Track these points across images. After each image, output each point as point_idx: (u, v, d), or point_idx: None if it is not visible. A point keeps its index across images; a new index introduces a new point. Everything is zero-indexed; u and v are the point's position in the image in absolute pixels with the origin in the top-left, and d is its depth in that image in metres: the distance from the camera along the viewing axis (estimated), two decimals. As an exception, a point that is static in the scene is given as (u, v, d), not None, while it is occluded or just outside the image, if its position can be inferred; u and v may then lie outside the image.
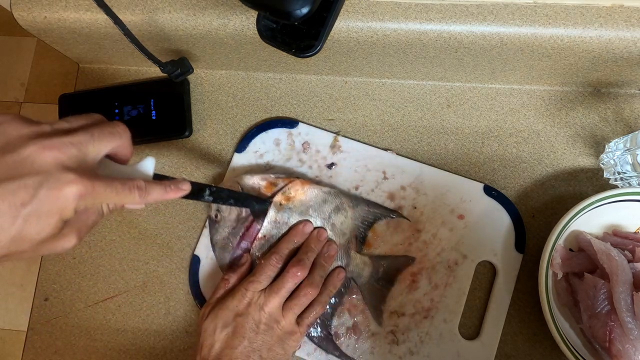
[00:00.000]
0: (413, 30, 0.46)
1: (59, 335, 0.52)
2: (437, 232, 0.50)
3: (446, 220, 0.50)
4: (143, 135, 0.55)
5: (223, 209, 0.50)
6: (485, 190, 0.50)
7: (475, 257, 0.49)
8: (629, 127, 0.53)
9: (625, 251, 0.45)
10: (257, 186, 0.50)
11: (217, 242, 0.51)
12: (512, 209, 0.50)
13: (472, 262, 0.49)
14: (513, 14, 0.45)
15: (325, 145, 0.53)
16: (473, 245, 0.50)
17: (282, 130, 0.54)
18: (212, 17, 0.48)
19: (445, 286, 0.49)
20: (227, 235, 0.50)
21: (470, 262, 0.49)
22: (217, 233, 0.50)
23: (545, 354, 0.48)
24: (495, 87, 0.55)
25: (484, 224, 0.50)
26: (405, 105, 0.55)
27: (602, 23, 0.44)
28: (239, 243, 0.49)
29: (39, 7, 0.49)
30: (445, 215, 0.50)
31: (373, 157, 0.53)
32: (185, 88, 0.56)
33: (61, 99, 0.57)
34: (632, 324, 0.41)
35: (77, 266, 0.53)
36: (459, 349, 0.47)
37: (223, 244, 0.50)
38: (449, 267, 0.49)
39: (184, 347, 0.51)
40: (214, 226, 0.50)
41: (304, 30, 0.41)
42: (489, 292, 0.49)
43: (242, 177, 0.50)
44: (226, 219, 0.50)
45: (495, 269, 0.49)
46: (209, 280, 0.51)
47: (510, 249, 0.49)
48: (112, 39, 0.52)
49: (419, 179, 0.52)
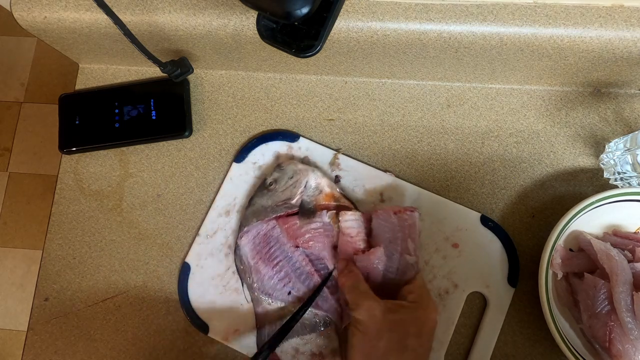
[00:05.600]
0: (413, 30, 0.46)
1: (59, 335, 0.52)
2: (429, 259, 0.50)
3: (440, 248, 0.50)
4: (143, 135, 0.55)
5: (280, 184, 0.49)
6: (482, 220, 0.50)
7: (467, 288, 0.49)
8: (629, 127, 0.53)
9: (625, 251, 0.45)
10: (319, 188, 0.49)
11: (254, 203, 0.50)
12: (507, 241, 0.50)
13: (463, 292, 0.49)
14: (513, 14, 0.45)
15: (324, 162, 0.53)
16: (465, 275, 0.49)
17: (282, 143, 0.54)
18: (212, 17, 0.48)
19: None
20: (268, 205, 0.49)
21: (461, 291, 0.49)
22: (260, 198, 0.50)
23: (545, 354, 0.48)
24: (495, 87, 0.55)
25: (478, 254, 0.49)
26: (405, 105, 0.55)
27: (602, 23, 0.44)
28: (273, 219, 0.49)
29: (39, 7, 0.49)
30: (439, 243, 0.50)
31: (372, 177, 0.52)
32: (185, 88, 0.56)
33: (61, 99, 0.57)
34: (632, 324, 0.41)
35: (77, 266, 0.53)
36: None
37: (257, 210, 0.50)
38: (439, 295, 0.49)
39: (184, 347, 0.51)
40: (262, 191, 0.50)
41: (304, 30, 0.41)
42: (477, 324, 0.49)
43: (313, 169, 0.50)
44: (276, 193, 0.49)
45: (486, 301, 0.49)
46: (198, 288, 0.51)
47: (503, 282, 0.49)
48: (112, 39, 0.52)
49: (416, 204, 0.51)
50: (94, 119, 0.56)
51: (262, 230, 0.49)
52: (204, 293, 0.51)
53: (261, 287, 0.49)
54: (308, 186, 0.49)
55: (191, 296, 0.51)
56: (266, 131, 0.55)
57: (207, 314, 0.50)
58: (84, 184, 0.56)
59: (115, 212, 0.54)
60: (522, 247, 0.50)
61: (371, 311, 0.41)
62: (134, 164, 0.56)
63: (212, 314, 0.50)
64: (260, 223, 0.49)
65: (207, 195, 0.54)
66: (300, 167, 0.50)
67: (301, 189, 0.49)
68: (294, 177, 0.49)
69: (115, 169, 0.56)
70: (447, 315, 0.48)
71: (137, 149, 0.56)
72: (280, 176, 0.50)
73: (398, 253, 0.47)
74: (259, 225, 0.49)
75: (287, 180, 0.49)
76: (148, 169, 0.55)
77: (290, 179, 0.49)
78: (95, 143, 0.55)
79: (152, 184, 0.55)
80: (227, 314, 0.50)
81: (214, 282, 0.51)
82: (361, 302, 0.42)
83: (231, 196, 0.53)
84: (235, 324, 0.49)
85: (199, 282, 0.51)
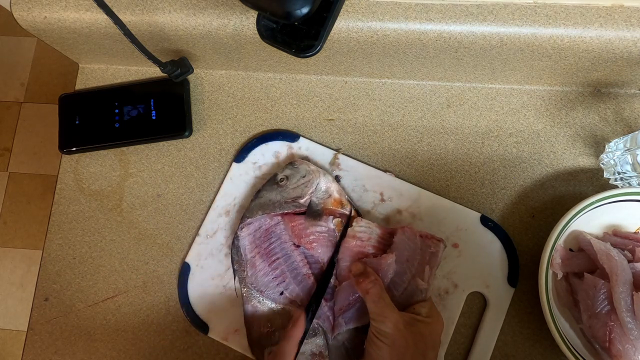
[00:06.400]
0: (413, 30, 0.46)
1: (59, 335, 0.52)
2: None
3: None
4: (143, 135, 0.55)
5: (292, 181, 0.49)
6: (482, 220, 0.50)
7: (467, 288, 0.49)
8: (629, 127, 0.53)
9: (625, 251, 0.45)
10: (329, 192, 0.49)
11: (262, 196, 0.50)
12: (507, 241, 0.49)
13: (462, 292, 0.49)
14: (513, 14, 0.45)
15: (324, 162, 0.53)
16: (465, 275, 0.49)
17: (282, 143, 0.54)
18: (212, 17, 0.48)
19: None
20: (276, 200, 0.49)
21: (461, 291, 0.49)
22: (269, 192, 0.50)
23: (545, 354, 0.48)
24: (495, 87, 0.55)
25: (477, 255, 0.49)
26: (405, 105, 0.55)
27: (602, 23, 0.44)
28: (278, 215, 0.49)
29: (39, 7, 0.49)
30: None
31: (372, 177, 0.52)
32: (185, 88, 0.56)
33: (61, 99, 0.57)
34: (632, 324, 0.41)
35: (77, 266, 0.53)
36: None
37: (264, 203, 0.49)
38: (439, 295, 0.49)
39: (184, 347, 0.51)
40: (272, 185, 0.50)
41: (304, 30, 0.41)
42: (477, 324, 0.49)
43: (325, 172, 0.50)
44: (287, 190, 0.49)
45: (486, 301, 0.49)
46: (198, 288, 0.51)
47: (503, 282, 0.49)
48: (112, 39, 0.52)
49: (416, 204, 0.51)
50: (94, 119, 0.56)
51: (265, 225, 0.49)
52: (204, 293, 0.51)
53: (254, 282, 0.48)
54: (318, 188, 0.49)
55: (191, 296, 0.51)
56: (266, 131, 0.55)
57: (207, 314, 0.50)
58: (84, 184, 0.56)
59: (115, 212, 0.54)
60: (522, 247, 0.50)
61: (398, 325, 0.41)
62: (134, 164, 0.56)
63: (212, 314, 0.50)
64: (265, 217, 0.49)
65: (207, 195, 0.54)
66: (312, 168, 0.50)
67: (312, 189, 0.49)
68: (306, 177, 0.49)
69: (115, 169, 0.56)
70: (447, 315, 0.48)
71: (137, 149, 0.56)
72: (292, 173, 0.50)
73: (411, 274, 0.46)
74: (262, 219, 0.49)
75: (300, 178, 0.49)
76: (148, 169, 0.55)
77: (303, 178, 0.49)
78: (95, 143, 0.55)
79: (152, 184, 0.55)
80: (227, 314, 0.50)
81: (214, 282, 0.51)
82: (387, 314, 0.41)
83: (231, 196, 0.53)
84: (235, 324, 0.49)
85: (199, 282, 0.51)
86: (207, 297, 0.50)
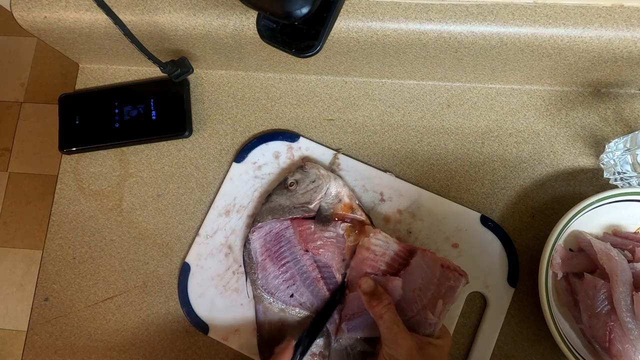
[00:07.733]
0: (413, 30, 0.46)
1: (59, 335, 0.52)
2: None
3: (440, 248, 0.50)
4: (143, 135, 0.55)
5: (302, 186, 0.49)
6: (482, 220, 0.50)
7: (466, 287, 0.49)
8: (629, 127, 0.53)
9: (625, 251, 0.45)
10: (339, 196, 0.49)
11: (272, 200, 0.50)
12: (507, 241, 0.49)
13: (462, 292, 0.49)
14: (513, 14, 0.45)
15: (324, 162, 0.53)
16: None
17: (282, 143, 0.54)
18: (212, 17, 0.48)
19: None
20: (285, 205, 0.49)
21: (461, 291, 0.48)
22: (279, 197, 0.50)
23: (545, 354, 0.48)
24: (495, 87, 0.55)
25: (477, 255, 0.49)
26: (405, 105, 0.55)
27: (602, 23, 0.44)
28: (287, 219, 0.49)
29: (39, 7, 0.49)
30: (439, 243, 0.50)
31: (372, 177, 0.52)
32: (185, 88, 0.56)
33: (61, 99, 0.57)
34: (632, 324, 0.41)
35: (77, 266, 0.53)
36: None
37: (274, 207, 0.49)
38: None
39: (184, 347, 0.51)
40: (282, 190, 0.50)
41: (304, 30, 0.41)
42: (477, 324, 0.49)
43: (335, 177, 0.50)
44: (296, 195, 0.49)
45: (486, 301, 0.49)
46: (198, 288, 0.51)
47: (503, 282, 0.49)
48: (112, 39, 0.52)
49: (416, 204, 0.51)
50: (94, 119, 0.56)
51: (275, 229, 0.49)
52: (204, 293, 0.51)
53: (265, 285, 0.48)
54: (328, 193, 0.49)
55: (191, 296, 0.51)
56: (266, 131, 0.55)
57: (207, 314, 0.50)
58: (84, 184, 0.56)
59: (115, 212, 0.54)
60: (522, 247, 0.50)
61: (411, 352, 0.40)
62: (134, 164, 0.56)
63: (212, 314, 0.50)
64: (274, 221, 0.49)
65: (207, 195, 0.54)
66: (323, 172, 0.50)
67: (321, 194, 0.49)
68: (316, 182, 0.49)
69: (115, 169, 0.56)
70: (447, 314, 0.48)
71: (137, 149, 0.56)
72: (302, 178, 0.49)
73: (421, 304, 0.43)
74: (272, 223, 0.49)
75: (309, 183, 0.49)
76: (148, 169, 0.55)
77: (312, 183, 0.49)
78: (95, 143, 0.55)
79: (152, 184, 0.55)
80: (227, 314, 0.50)
81: (214, 282, 0.51)
82: (401, 342, 0.41)
83: (231, 196, 0.53)
84: (235, 324, 0.49)
85: (199, 282, 0.51)
86: (207, 297, 0.50)
